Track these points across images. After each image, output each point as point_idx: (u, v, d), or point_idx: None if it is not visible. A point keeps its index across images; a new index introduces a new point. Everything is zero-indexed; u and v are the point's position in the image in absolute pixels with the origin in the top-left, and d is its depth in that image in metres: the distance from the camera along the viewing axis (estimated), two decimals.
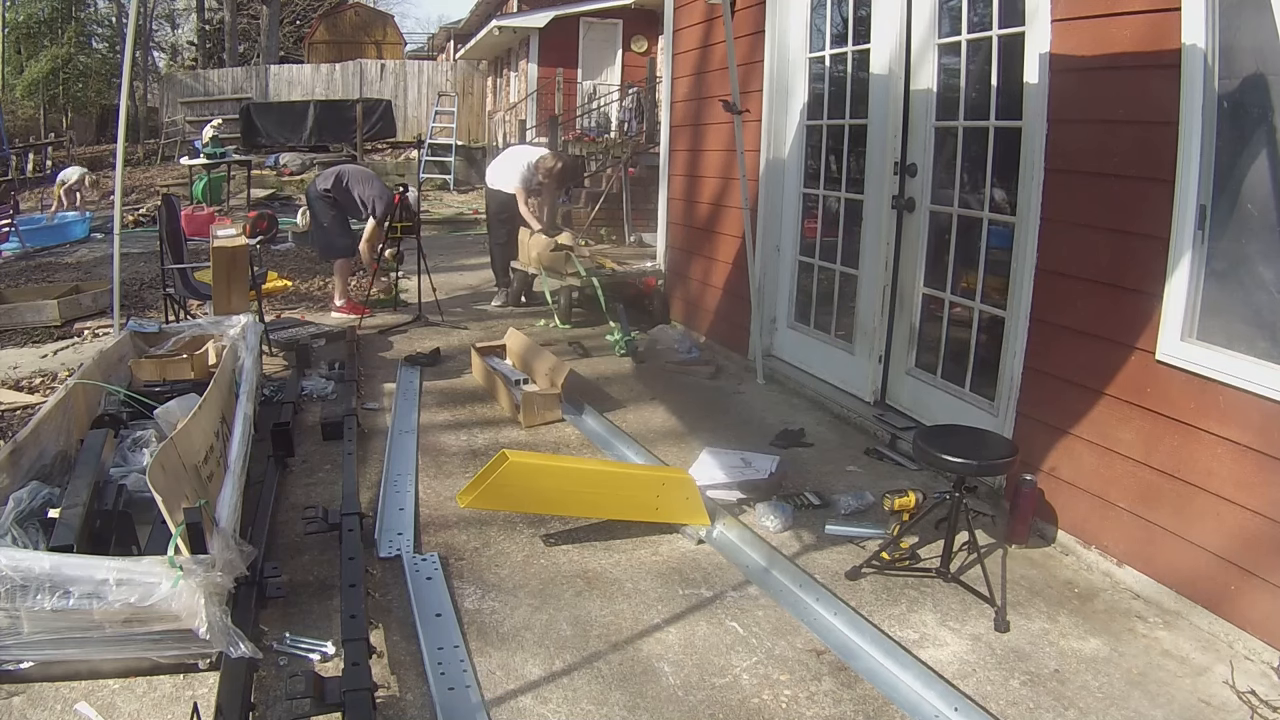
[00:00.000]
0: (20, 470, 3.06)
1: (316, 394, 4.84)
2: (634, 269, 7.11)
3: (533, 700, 2.39)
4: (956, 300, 4.10)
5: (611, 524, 3.35)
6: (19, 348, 5.96)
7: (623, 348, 5.91)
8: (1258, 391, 2.59)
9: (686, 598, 2.93)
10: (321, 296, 7.65)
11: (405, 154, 19.83)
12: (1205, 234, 2.78)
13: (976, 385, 3.96)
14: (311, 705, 2.12)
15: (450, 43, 27.86)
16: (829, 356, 5.01)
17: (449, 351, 5.79)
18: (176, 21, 31.98)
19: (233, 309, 5.06)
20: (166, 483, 2.49)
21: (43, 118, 22.29)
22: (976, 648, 2.68)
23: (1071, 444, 3.27)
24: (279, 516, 3.36)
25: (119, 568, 2.23)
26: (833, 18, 4.90)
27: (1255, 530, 2.61)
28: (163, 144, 20.12)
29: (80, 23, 23.94)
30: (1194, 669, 2.60)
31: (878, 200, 4.50)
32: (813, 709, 2.39)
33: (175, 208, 6.02)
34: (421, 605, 2.79)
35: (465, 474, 3.80)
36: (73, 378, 3.89)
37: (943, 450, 2.89)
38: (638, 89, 13.79)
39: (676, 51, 6.41)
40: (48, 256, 9.77)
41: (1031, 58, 3.37)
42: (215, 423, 3.36)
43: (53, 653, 2.30)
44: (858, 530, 3.37)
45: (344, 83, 22.24)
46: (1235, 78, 2.66)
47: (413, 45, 34.83)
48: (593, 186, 11.61)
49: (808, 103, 5.12)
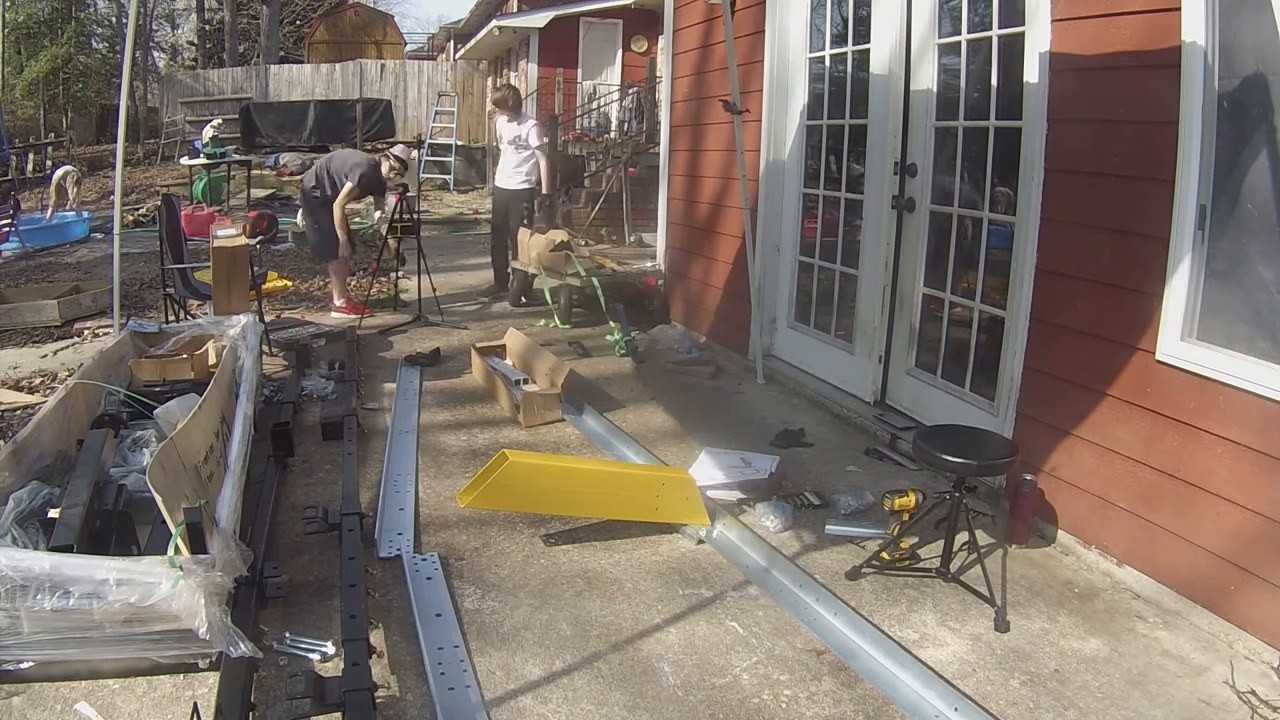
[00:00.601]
0: (20, 470, 3.06)
1: (316, 394, 4.84)
2: (634, 269, 7.10)
3: (533, 700, 2.39)
4: (956, 300, 4.10)
5: (611, 524, 3.35)
6: (19, 348, 5.96)
7: (623, 348, 5.91)
8: (1258, 391, 2.59)
9: (686, 598, 2.93)
10: (321, 296, 7.64)
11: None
12: (1205, 234, 2.78)
13: (976, 385, 3.96)
14: (311, 705, 2.12)
15: (450, 43, 27.85)
16: (829, 356, 5.01)
17: (449, 351, 5.79)
18: (176, 21, 31.99)
19: (233, 309, 5.06)
20: (166, 483, 2.49)
21: (43, 118, 22.25)
22: (976, 648, 2.68)
23: (1071, 444, 3.27)
24: (279, 516, 3.36)
25: (119, 568, 2.23)
26: (833, 18, 4.90)
27: (1255, 530, 2.61)
28: (163, 144, 20.11)
29: (80, 23, 23.90)
30: (1194, 669, 2.60)
31: (878, 200, 4.50)
32: (813, 709, 2.39)
33: (175, 208, 6.02)
34: (421, 605, 2.79)
35: (465, 474, 3.80)
36: (73, 378, 3.89)
37: (943, 450, 2.89)
38: (638, 89, 13.79)
39: (676, 51, 6.41)
40: (48, 256, 9.76)
41: (1031, 58, 3.37)
42: (215, 423, 3.36)
43: (53, 653, 2.30)
44: (858, 530, 3.38)
45: (344, 83, 22.23)
46: (1235, 77, 2.66)
47: (413, 45, 34.85)
48: (593, 186, 11.61)
49: (808, 103, 5.12)
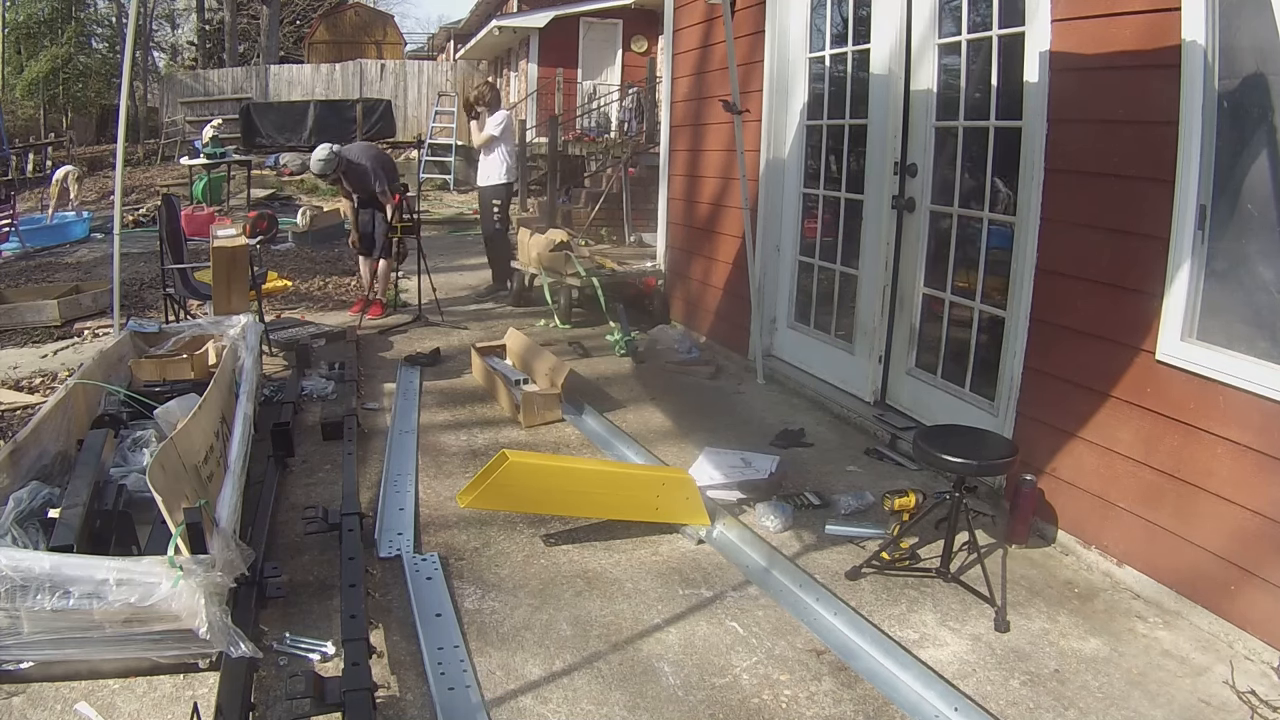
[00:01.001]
0: (20, 470, 3.06)
1: (316, 394, 4.84)
2: (634, 269, 7.10)
3: (533, 700, 2.39)
4: (956, 300, 4.09)
5: (611, 524, 3.35)
6: (19, 348, 5.96)
7: (623, 348, 5.91)
8: (1258, 391, 2.59)
9: (686, 598, 2.92)
10: (321, 297, 7.64)
11: (405, 154, 19.82)
12: (1205, 234, 2.78)
13: (976, 385, 3.96)
14: (311, 705, 2.12)
15: (450, 43, 27.86)
16: (829, 356, 5.01)
17: (449, 351, 5.78)
18: (176, 21, 31.96)
19: (233, 309, 5.06)
20: (166, 483, 2.49)
21: (43, 118, 22.24)
22: (976, 648, 2.68)
23: (1072, 444, 3.27)
24: (279, 516, 3.36)
25: (119, 568, 2.23)
26: (833, 18, 4.90)
27: (1255, 530, 2.61)
28: (163, 144, 20.10)
29: (80, 23, 23.86)
30: (1194, 669, 2.60)
31: (878, 200, 4.50)
32: (813, 709, 2.39)
33: (175, 208, 6.02)
34: (421, 605, 2.79)
35: (465, 474, 3.80)
36: (73, 378, 3.89)
37: (943, 450, 2.89)
38: (638, 89, 13.79)
39: (676, 51, 6.41)
40: (48, 256, 9.76)
41: (1031, 57, 3.37)
42: (215, 423, 3.36)
43: (53, 653, 2.30)
44: (858, 530, 3.37)
45: (344, 83, 22.23)
46: (1235, 77, 2.66)
47: (413, 45, 34.85)
48: (593, 186, 11.61)
49: (808, 103, 5.12)
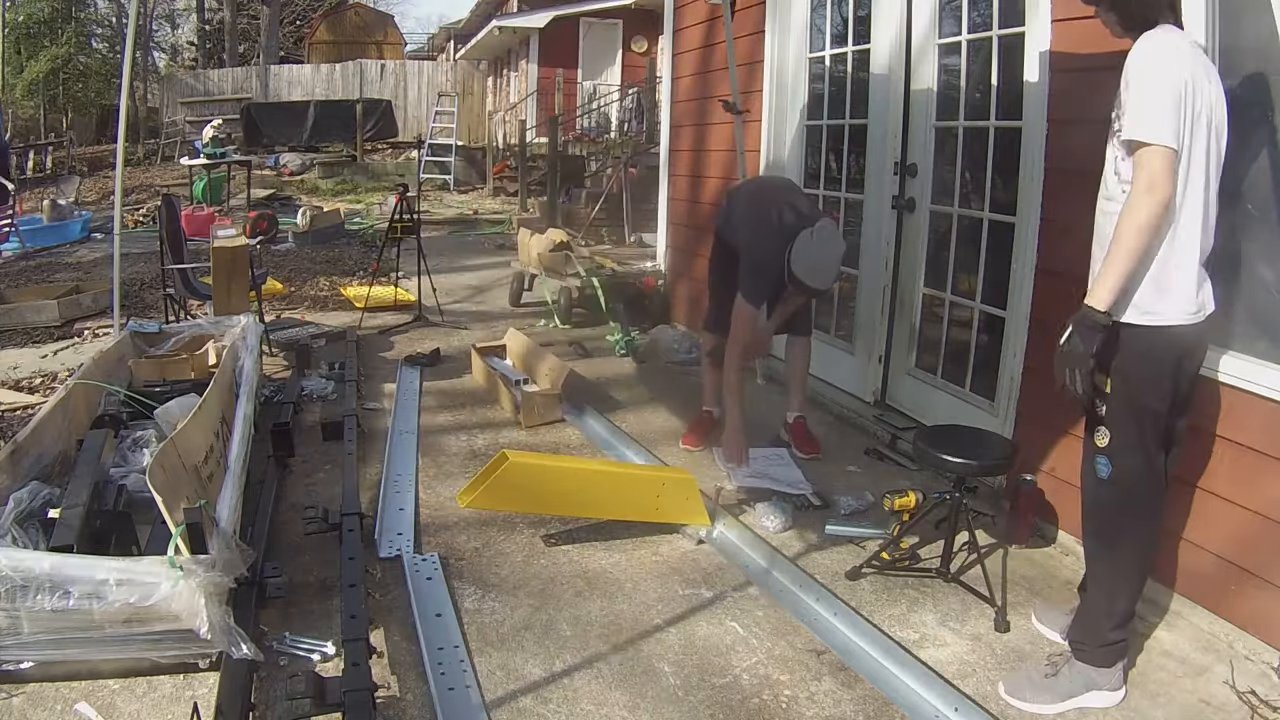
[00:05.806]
0: (20, 470, 3.06)
1: (316, 394, 4.84)
2: (634, 269, 7.10)
3: (533, 700, 2.39)
4: (957, 300, 4.09)
5: (611, 524, 3.35)
6: (19, 348, 5.96)
7: (623, 348, 5.90)
8: (1258, 391, 2.59)
9: (686, 598, 2.93)
10: (321, 296, 7.65)
11: (405, 154, 19.83)
12: None
13: (977, 385, 3.96)
14: (312, 705, 2.12)
15: (450, 43, 27.87)
16: (829, 356, 5.01)
17: (449, 352, 5.78)
18: (176, 21, 31.94)
19: (233, 309, 5.06)
20: (166, 483, 2.49)
21: (43, 118, 22.26)
22: (977, 648, 2.68)
23: (1072, 444, 3.26)
24: (279, 516, 3.36)
25: (119, 568, 2.23)
26: (833, 18, 4.90)
27: (1255, 530, 2.60)
28: (163, 144, 20.12)
29: (80, 23, 23.86)
30: (1194, 669, 2.59)
31: (878, 200, 4.50)
32: (813, 709, 2.39)
33: (175, 208, 6.01)
34: (421, 605, 2.79)
35: (465, 474, 3.80)
36: (73, 378, 3.89)
37: (943, 450, 2.89)
38: (638, 89, 13.81)
39: (677, 51, 6.41)
40: (48, 256, 9.76)
41: (1032, 57, 3.37)
42: (215, 423, 3.36)
43: (53, 653, 2.29)
44: (858, 530, 3.38)
45: (344, 83, 22.26)
46: (1235, 78, 2.66)
47: (413, 45, 34.83)
48: (593, 186, 11.63)
49: (808, 103, 5.12)
